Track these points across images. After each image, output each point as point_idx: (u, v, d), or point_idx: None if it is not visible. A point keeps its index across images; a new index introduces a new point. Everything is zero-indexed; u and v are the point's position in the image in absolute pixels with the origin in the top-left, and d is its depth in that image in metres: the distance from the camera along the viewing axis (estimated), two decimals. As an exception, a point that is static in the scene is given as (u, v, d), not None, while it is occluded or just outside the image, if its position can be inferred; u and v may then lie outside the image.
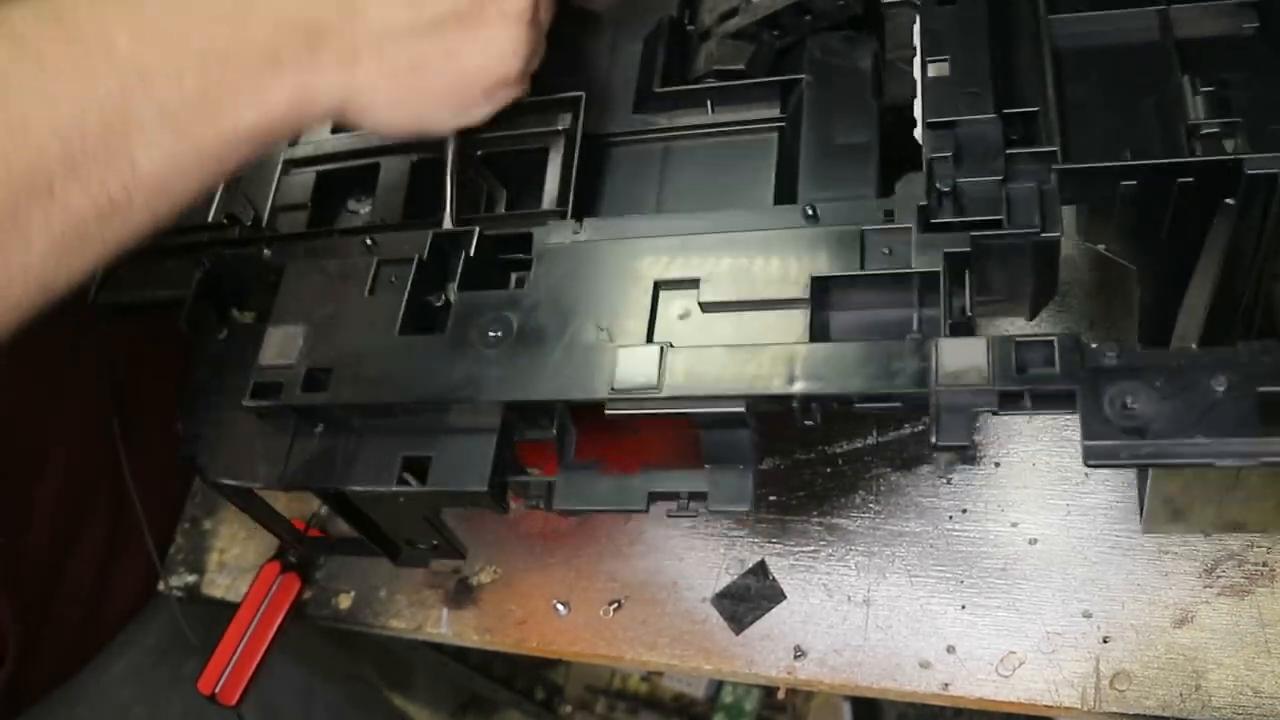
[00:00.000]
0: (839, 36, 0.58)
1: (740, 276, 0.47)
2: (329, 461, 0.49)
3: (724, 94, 0.58)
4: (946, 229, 0.45)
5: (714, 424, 0.45)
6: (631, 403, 0.45)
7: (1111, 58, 0.50)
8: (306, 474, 0.49)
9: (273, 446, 0.50)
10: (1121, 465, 0.40)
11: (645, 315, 0.47)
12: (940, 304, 0.44)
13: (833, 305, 0.47)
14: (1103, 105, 0.49)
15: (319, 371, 0.49)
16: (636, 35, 0.62)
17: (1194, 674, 0.54)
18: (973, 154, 0.46)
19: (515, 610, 0.67)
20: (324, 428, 0.50)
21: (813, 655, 0.60)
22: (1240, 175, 0.43)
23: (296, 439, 0.50)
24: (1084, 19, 0.50)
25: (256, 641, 0.67)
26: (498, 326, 0.48)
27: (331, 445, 0.49)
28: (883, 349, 0.43)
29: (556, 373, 0.46)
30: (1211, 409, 0.39)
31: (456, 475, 0.46)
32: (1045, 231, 0.44)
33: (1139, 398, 0.40)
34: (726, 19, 0.60)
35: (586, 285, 0.48)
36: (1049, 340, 0.41)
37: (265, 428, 0.50)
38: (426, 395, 0.47)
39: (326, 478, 0.48)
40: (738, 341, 0.45)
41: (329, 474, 0.48)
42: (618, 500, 0.46)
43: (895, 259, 0.45)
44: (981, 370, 0.41)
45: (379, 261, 0.51)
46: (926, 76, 0.49)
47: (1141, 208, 0.46)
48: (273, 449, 0.50)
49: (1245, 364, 0.39)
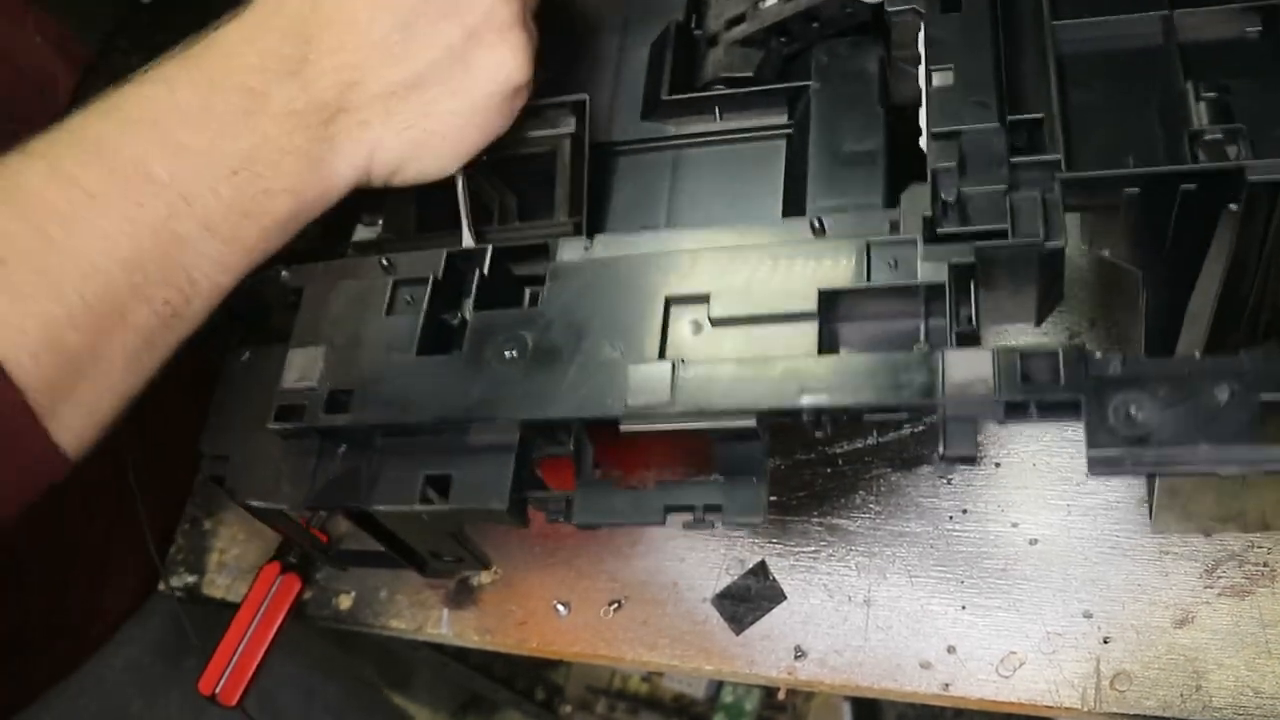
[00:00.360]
0: (845, 43, 0.58)
1: (749, 290, 0.47)
2: (353, 482, 0.50)
3: (732, 101, 0.59)
4: (951, 240, 0.46)
5: (726, 437, 0.46)
6: (645, 419, 0.46)
7: (1115, 62, 0.50)
8: (332, 495, 0.50)
9: (298, 467, 0.51)
10: (1126, 474, 0.41)
11: (657, 331, 0.48)
12: (946, 314, 0.45)
13: (841, 317, 0.47)
14: (1106, 110, 0.49)
15: (341, 393, 0.50)
16: (643, 40, 0.63)
17: (1194, 674, 0.54)
18: (977, 163, 0.47)
19: (515, 610, 0.67)
20: (347, 448, 0.51)
21: (813, 655, 0.61)
22: (1243, 182, 0.43)
23: (321, 460, 0.51)
24: (1088, 24, 0.51)
25: (256, 642, 0.68)
26: (513, 345, 0.49)
27: (355, 465, 0.50)
28: (890, 361, 0.43)
29: (572, 391, 0.47)
30: (1215, 417, 0.39)
31: (477, 494, 0.48)
32: (1049, 241, 0.44)
33: (1143, 406, 0.40)
34: (734, 25, 0.61)
35: (599, 302, 0.49)
36: (1054, 351, 0.42)
37: (290, 449, 0.52)
38: (446, 415, 0.48)
39: (352, 498, 0.50)
40: (748, 355, 0.46)
41: (354, 494, 0.50)
42: (635, 514, 0.47)
43: (901, 271, 0.46)
44: (987, 382, 0.42)
45: (395, 282, 0.52)
46: (931, 86, 0.49)
47: (1145, 214, 0.46)
48: (298, 470, 0.51)
49: (1248, 372, 0.40)
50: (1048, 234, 0.44)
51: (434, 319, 0.51)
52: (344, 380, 0.50)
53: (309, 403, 0.50)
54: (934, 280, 0.45)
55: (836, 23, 0.58)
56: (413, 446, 0.50)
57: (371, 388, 0.50)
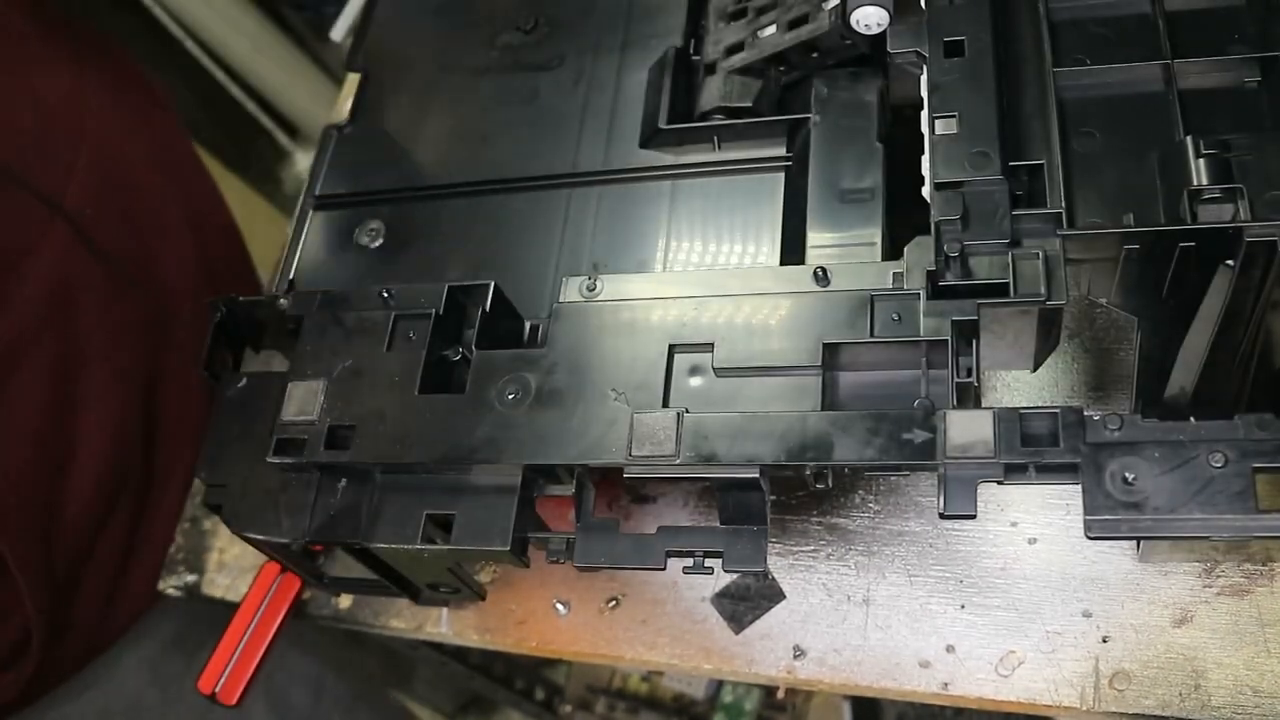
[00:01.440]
0: (845, 74, 0.58)
1: (753, 339, 0.48)
2: (354, 517, 0.50)
3: (731, 131, 0.59)
4: (954, 294, 0.46)
5: (729, 486, 0.46)
6: (649, 467, 0.46)
7: (1115, 109, 0.51)
8: (332, 529, 0.50)
9: (296, 500, 0.51)
10: (1122, 538, 0.42)
11: (661, 378, 0.48)
12: (948, 366, 0.46)
13: (843, 366, 0.48)
14: (1106, 158, 0.50)
15: (342, 429, 0.50)
16: (641, 64, 0.63)
17: (1193, 674, 0.55)
18: (980, 214, 0.47)
19: (515, 610, 0.67)
20: (347, 482, 0.51)
21: (812, 655, 0.61)
22: (1241, 241, 0.44)
23: (320, 493, 0.51)
24: (1088, 71, 0.51)
25: (256, 641, 0.67)
26: (516, 387, 0.49)
27: (355, 500, 0.50)
28: (892, 420, 0.44)
29: (576, 437, 0.47)
30: (1207, 484, 0.41)
31: (479, 535, 0.48)
32: (1050, 299, 0.45)
33: (1138, 471, 0.41)
34: (733, 53, 0.60)
35: (602, 346, 0.49)
36: (1053, 412, 0.43)
37: (289, 481, 0.52)
38: (450, 456, 0.48)
39: (353, 534, 0.50)
40: (751, 406, 0.47)
41: (355, 530, 0.50)
42: (637, 558, 0.48)
43: (904, 325, 0.46)
44: (988, 443, 0.42)
45: (396, 316, 0.52)
46: (935, 134, 0.49)
47: (1143, 266, 0.47)
48: (296, 502, 0.51)
49: (1241, 439, 0.41)
50: (1049, 293, 0.45)
51: (435, 355, 0.51)
52: (344, 415, 0.50)
53: (309, 437, 0.50)
54: (936, 335, 0.45)
55: (836, 53, 0.58)
56: (413, 483, 0.50)
57: (373, 425, 0.50)
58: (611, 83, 0.62)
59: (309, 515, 0.51)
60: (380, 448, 0.49)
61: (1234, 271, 0.45)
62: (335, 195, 0.65)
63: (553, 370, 0.49)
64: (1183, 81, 0.50)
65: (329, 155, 0.66)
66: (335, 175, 0.65)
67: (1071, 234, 0.46)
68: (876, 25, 0.54)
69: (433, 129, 0.66)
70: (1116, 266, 0.48)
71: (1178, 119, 0.49)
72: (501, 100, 0.65)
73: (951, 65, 0.51)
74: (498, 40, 0.68)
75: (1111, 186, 0.49)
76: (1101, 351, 0.63)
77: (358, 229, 0.62)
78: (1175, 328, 0.49)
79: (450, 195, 0.63)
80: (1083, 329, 0.63)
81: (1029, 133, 0.50)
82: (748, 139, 0.58)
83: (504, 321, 0.53)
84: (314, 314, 0.54)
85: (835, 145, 0.56)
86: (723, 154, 0.58)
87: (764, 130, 0.58)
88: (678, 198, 0.58)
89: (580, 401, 0.48)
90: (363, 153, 0.66)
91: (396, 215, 0.62)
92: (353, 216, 0.63)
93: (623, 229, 0.58)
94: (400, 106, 0.68)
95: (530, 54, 0.67)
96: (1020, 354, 0.49)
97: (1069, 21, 0.53)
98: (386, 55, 0.71)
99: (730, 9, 0.63)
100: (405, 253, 0.61)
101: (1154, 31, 0.51)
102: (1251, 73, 0.50)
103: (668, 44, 0.62)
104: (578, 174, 0.61)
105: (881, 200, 0.54)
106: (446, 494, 0.49)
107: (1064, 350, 0.63)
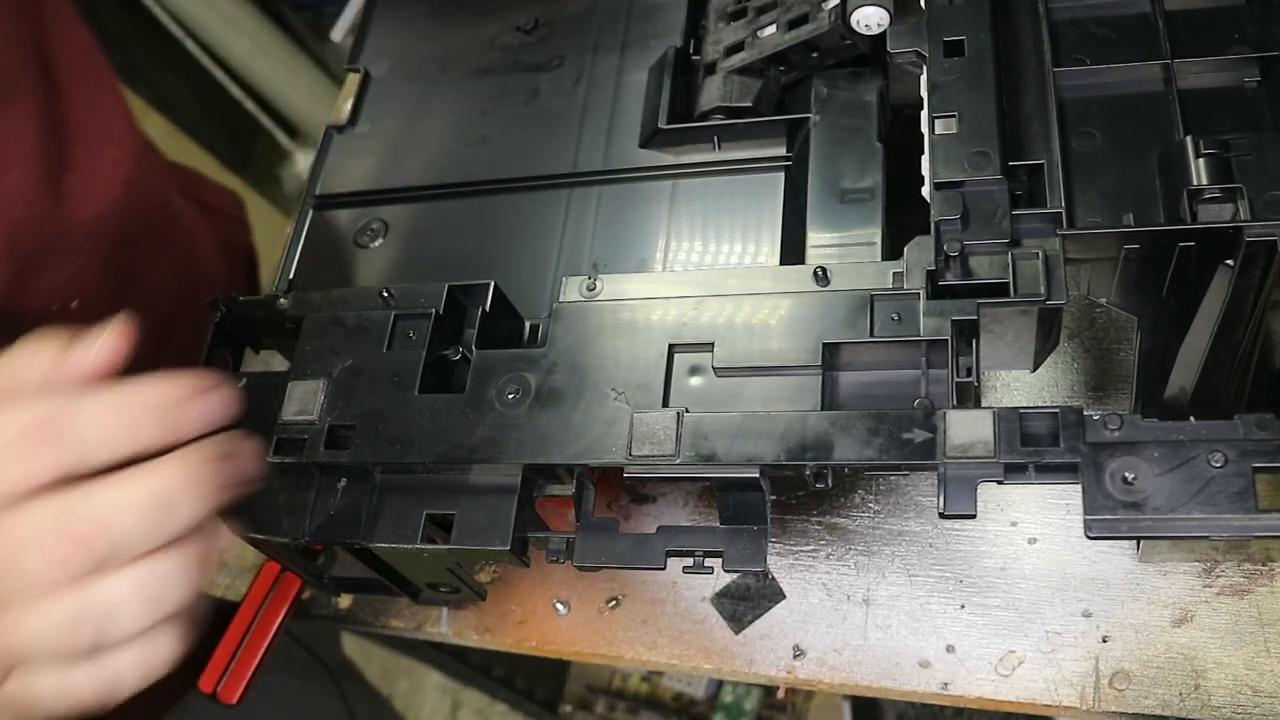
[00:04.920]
0: (845, 74, 0.58)
1: (753, 338, 0.48)
2: (354, 517, 0.50)
3: (731, 131, 0.59)
4: (954, 294, 0.46)
5: (729, 486, 0.46)
6: (649, 467, 0.46)
7: (1115, 108, 0.51)
8: (332, 529, 0.50)
9: (295, 499, 0.51)
10: (1122, 538, 0.42)
11: (661, 377, 0.48)
12: (948, 365, 0.46)
13: (842, 365, 0.48)
14: (1106, 157, 0.50)
15: (341, 429, 0.50)
16: (641, 64, 0.63)
17: (1193, 673, 0.55)
18: (980, 214, 0.47)
19: (515, 610, 0.67)
20: (347, 481, 0.51)
21: (812, 654, 0.61)
22: (1241, 241, 0.44)
23: (320, 493, 0.51)
24: (1089, 71, 0.51)
25: (257, 641, 0.67)
26: (516, 386, 0.49)
27: (354, 500, 0.50)
28: (892, 419, 0.44)
29: (576, 437, 0.47)
30: (1207, 484, 0.41)
31: (479, 535, 0.48)
32: (1050, 299, 0.45)
33: (1138, 472, 0.41)
34: (733, 52, 0.60)
35: (602, 346, 0.49)
36: (1053, 412, 0.43)
37: (288, 480, 0.52)
38: (449, 456, 0.48)
39: (353, 534, 0.50)
40: (751, 406, 0.47)
41: (355, 530, 0.50)
42: (637, 558, 0.48)
43: (904, 325, 0.46)
44: (988, 443, 0.42)
45: (396, 316, 0.52)
46: (934, 133, 0.49)
47: (1143, 266, 0.47)
48: (295, 502, 0.51)
49: (1241, 439, 0.41)
50: (1049, 293, 0.45)
51: (435, 354, 0.51)
52: (345, 416, 0.50)
53: (309, 437, 0.50)
54: (936, 335, 0.45)
55: (836, 53, 0.58)
56: (413, 483, 0.50)
57: (372, 424, 0.50)
58: (611, 83, 0.62)
59: (309, 515, 0.51)
60: (380, 448, 0.49)
61: (1234, 271, 0.45)
62: (335, 195, 0.65)
63: (553, 370, 0.49)
64: (1183, 81, 0.50)
65: (329, 155, 0.66)
66: (335, 175, 0.66)
67: (1071, 234, 0.46)
68: (876, 25, 0.54)
69: (433, 129, 0.66)
70: (1116, 266, 0.48)
71: (1178, 119, 0.49)
72: (501, 100, 0.65)
73: (951, 65, 0.51)
74: (498, 40, 0.68)
75: (1111, 186, 0.49)
76: (1101, 351, 0.63)
77: (358, 229, 0.62)
78: (1175, 327, 0.49)
79: (450, 195, 0.63)
80: (1083, 329, 0.63)
81: (1029, 132, 0.50)
82: (748, 139, 0.58)
83: (504, 321, 0.53)
84: (314, 314, 0.54)
85: (835, 145, 0.56)
86: (723, 154, 0.58)
87: (764, 130, 0.58)
88: (678, 198, 0.59)
89: (580, 401, 0.48)
90: (362, 153, 0.66)
91: (396, 215, 0.63)
92: (353, 216, 0.63)
93: (623, 229, 0.58)
94: (400, 106, 0.68)
95: (530, 54, 0.67)
96: (1020, 354, 0.49)
97: (1069, 21, 0.53)
98: (386, 55, 0.71)
99: (730, 9, 0.63)
100: (405, 253, 0.61)
101: (1154, 31, 0.52)
102: (1251, 73, 0.50)
103: (667, 44, 0.62)
104: (578, 174, 0.61)
105: (881, 200, 0.54)
106: (446, 494, 0.49)
107: (1064, 350, 0.63)
